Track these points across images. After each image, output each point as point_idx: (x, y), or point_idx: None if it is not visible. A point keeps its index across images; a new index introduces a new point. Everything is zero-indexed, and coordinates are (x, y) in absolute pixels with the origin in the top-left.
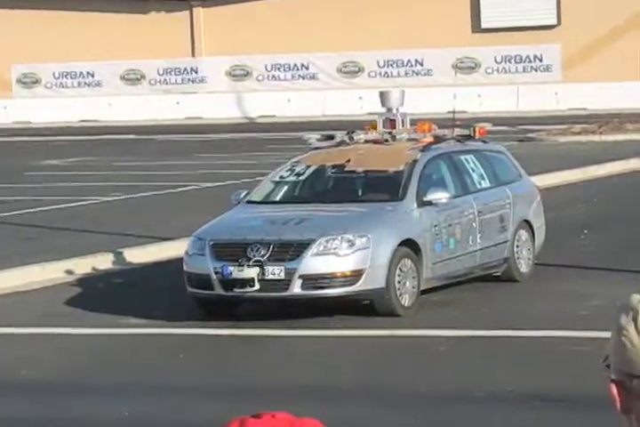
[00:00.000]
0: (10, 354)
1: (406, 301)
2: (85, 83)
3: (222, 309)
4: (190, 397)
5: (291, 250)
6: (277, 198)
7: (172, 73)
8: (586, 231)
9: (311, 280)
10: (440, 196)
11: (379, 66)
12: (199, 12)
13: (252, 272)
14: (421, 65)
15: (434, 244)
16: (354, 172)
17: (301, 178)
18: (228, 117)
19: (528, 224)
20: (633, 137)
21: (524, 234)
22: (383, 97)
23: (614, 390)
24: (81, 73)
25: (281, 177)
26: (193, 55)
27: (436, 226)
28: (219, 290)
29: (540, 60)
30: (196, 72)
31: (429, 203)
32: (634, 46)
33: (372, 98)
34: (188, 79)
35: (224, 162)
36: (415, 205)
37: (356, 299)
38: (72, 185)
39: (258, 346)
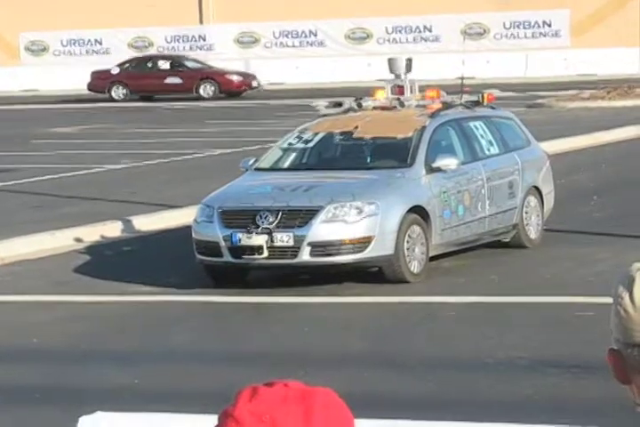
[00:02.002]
0: (20, 321)
1: (415, 267)
2: (93, 50)
3: (231, 276)
4: (201, 364)
5: (299, 217)
6: (286, 166)
7: (180, 40)
8: (595, 197)
9: (320, 247)
10: (449, 162)
11: (387, 32)
12: None
13: (260, 239)
14: (430, 31)
15: (442, 210)
16: (362, 138)
17: (309, 145)
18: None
19: (537, 190)
20: None
21: (532, 200)
22: (391, 64)
23: (611, 359)
24: (89, 41)
25: (289, 144)
26: (201, 22)
27: (444, 192)
28: (227, 257)
29: (549, 26)
30: (204, 39)
31: (438, 169)
32: None
33: (380, 64)
34: (197, 46)
35: (234, 128)
36: (424, 171)
37: (365, 266)
38: (82, 153)
39: (268, 313)
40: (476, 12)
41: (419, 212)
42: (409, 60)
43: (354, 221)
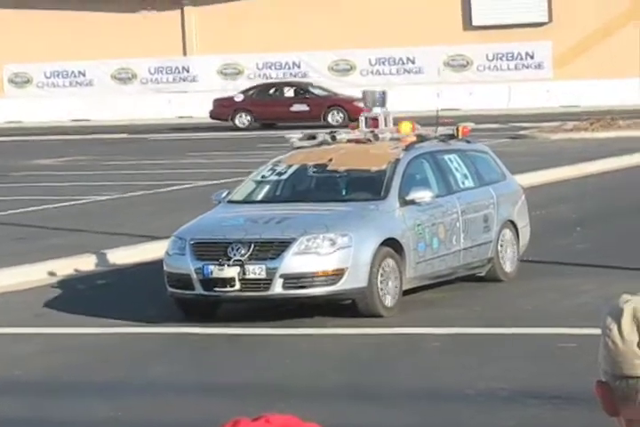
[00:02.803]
0: (1, 353)
1: (389, 301)
2: (77, 82)
3: (202, 309)
4: (181, 396)
5: (272, 249)
6: (259, 198)
7: (164, 72)
8: (578, 228)
9: (292, 279)
10: (423, 195)
11: (370, 64)
12: (190, 10)
13: (232, 271)
14: (413, 63)
15: (417, 243)
16: (336, 171)
17: (283, 177)
18: None
19: (512, 224)
20: (625, 134)
21: (508, 234)
22: (365, 96)
23: (600, 391)
24: (72, 72)
25: (262, 177)
26: (184, 54)
27: (419, 225)
28: (199, 290)
29: (532, 58)
30: (188, 71)
31: (412, 202)
32: (624, 43)
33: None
34: (180, 78)
35: (216, 161)
36: (397, 204)
37: (338, 298)
38: (64, 185)
39: (248, 345)
40: (459, 44)
41: (392, 245)
42: (383, 93)
43: (327, 253)
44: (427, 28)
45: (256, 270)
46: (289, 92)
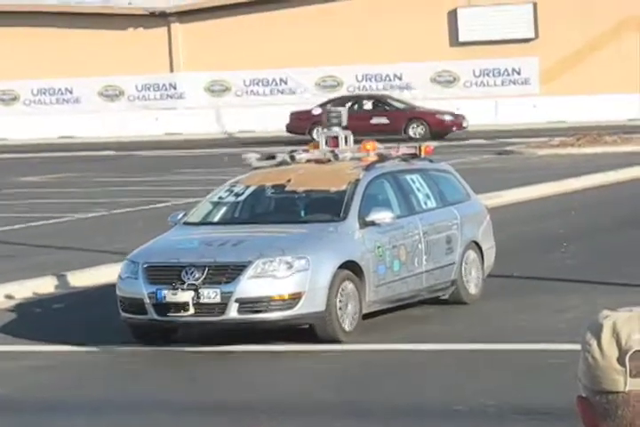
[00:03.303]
0: None
1: (347, 325)
2: (64, 99)
3: (156, 335)
4: (167, 413)
5: (227, 273)
6: (216, 220)
7: (151, 89)
8: (565, 244)
9: (248, 304)
10: (383, 216)
11: (357, 80)
12: (177, 27)
13: (186, 296)
14: (400, 79)
15: (377, 266)
16: (294, 192)
17: (240, 199)
18: (208, 133)
19: (477, 245)
20: (611, 149)
21: (472, 255)
22: (324, 115)
23: (579, 406)
24: (59, 90)
25: (219, 198)
26: (171, 71)
27: (379, 247)
28: (152, 315)
29: (519, 74)
30: (175, 88)
31: (372, 223)
32: (611, 59)
33: None
34: (167, 95)
35: (204, 177)
36: (357, 225)
37: (295, 323)
38: (50, 202)
39: (234, 361)
40: (446, 60)
41: (352, 267)
42: (345, 111)
43: (283, 277)
44: (414, 44)
45: (210, 295)
46: (367, 105)
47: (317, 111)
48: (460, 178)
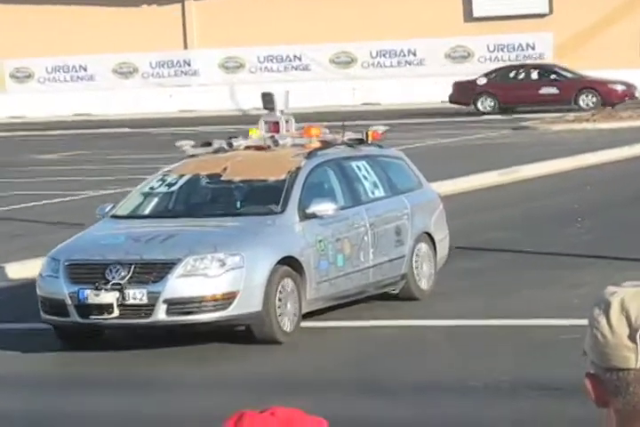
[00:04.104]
0: None
1: (287, 325)
2: (78, 77)
3: (81, 338)
4: (184, 391)
5: (154, 271)
6: (146, 212)
7: (165, 66)
8: (580, 219)
9: (177, 305)
10: (325, 207)
11: (371, 56)
12: (191, 4)
13: (110, 297)
14: (414, 55)
15: (318, 261)
16: (230, 181)
17: (173, 189)
18: (222, 110)
19: (429, 237)
20: (626, 124)
21: (424, 247)
22: (265, 98)
23: (589, 383)
24: (73, 67)
25: (151, 188)
26: (185, 48)
27: (321, 241)
28: (74, 317)
29: (533, 49)
30: (189, 65)
31: (313, 215)
32: (625, 34)
33: (365, 88)
34: (181, 72)
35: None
36: (297, 218)
37: (230, 325)
38: (66, 179)
39: (243, 338)
40: (460, 36)
41: (291, 263)
42: (286, 93)
43: (215, 275)
44: (428, 20)
45: (137, 295)
46: (533, 75)
47: (482, 81)
48: (412, 164)
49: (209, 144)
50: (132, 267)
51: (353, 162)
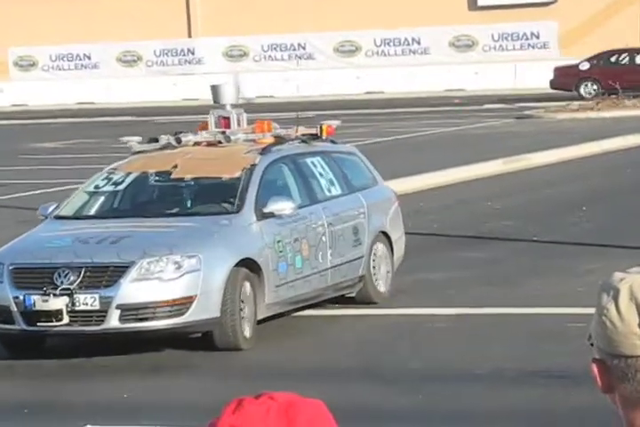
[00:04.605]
0: None
1: (247, 331)
2: (82, 65)
3: (28, 346)
4: (189, 378)
5: (106, 275)
6: (92, 213)
7: (169, 54)
8: (584, 208)
9: (131, 311)
10: (283, 206)
11: (375, 45)
12: None
13: (59, 303)
14: (418, 44)
15: (277, 263)
16: (181, 179)
17: (120, 188)
18: None
19: (386, 236)
20: (631, 113)
21: (381, 248)
22: (215, 91)
23: (595, 369)
24: (77, 55)
25: (96, 187)
26: (189, 36)
27: (279, 242)
28: (21, 324)
29: (537, 38)
30: (193, 53)
31: (271, 215)
32: (629, 22)
33: (369, 77)
34: (185, 60)
35: None
36: (254, 217)
37: (186, 332)
38: (70, 168)
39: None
40: (465, 25)
41: (249, 265)
42: (236, 87)
43: (171, 279)
44: (432, 8)
45: (88, 300)
46: (637, 59)
47: (585, 66)
48: (367, 161)
49: (156, 140)
50: (83, 271)
51: (308, 158)
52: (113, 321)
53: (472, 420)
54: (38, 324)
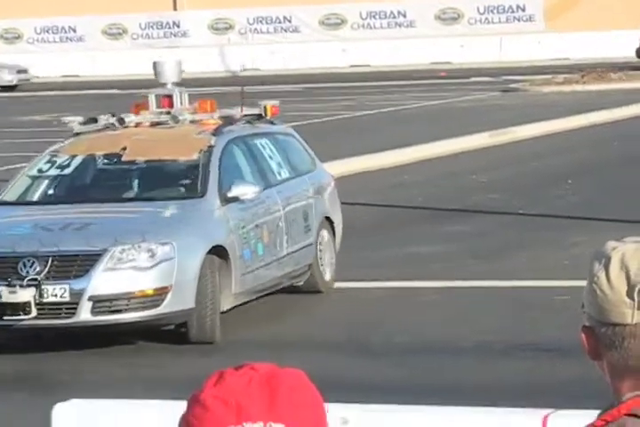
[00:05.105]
0: None
1: (218, 322)
2: (67, 38)
3: None
4: (172, 354)
5: (76, 264)
6: (41, 198)
7: (154, 27)
8: (570, 181)
9: (104, 302)
10: (247, 190)
11: (361, 18)
12: None
13: (26, 295)
14: (404, 16)
15: (242, 250)
16: (133, 162)
17: (66, 172)
18: (212, 71)
19: (329, 222)
20: (616, 86)
21: (325, 235)
22: (156, 69)
23: (584, 336)
24: (63, 28)
25: (39, 171)
26: (175, 9)
27: (243, 227)
28: None
29: (523, 10)
30: (178, 26)
31: (235, 199)
32: None
33: (355, 50)
34: (171, 33)
35: None
36: (218, 202)
37: (160, 324)
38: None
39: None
40: None
41: (219, 252)
42: (177, 64)
43: (145, 268)
44: None
45: (57, 292)
46: None
47: None
48: (304, 142)
49: (95, 120)
50: (50, 260)
51: (257, 140)
52: (84, 314)
53: (459, 393)
54: (4, 317)
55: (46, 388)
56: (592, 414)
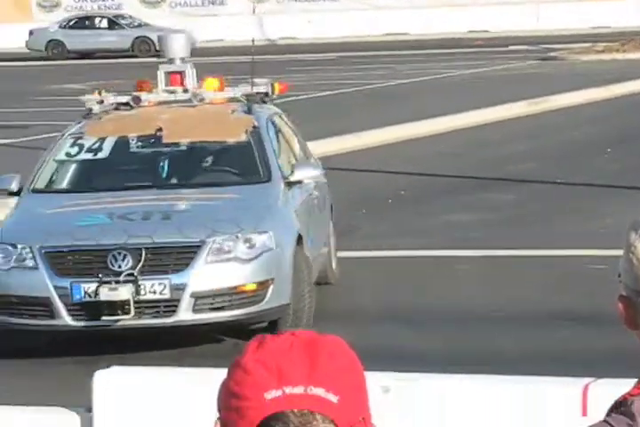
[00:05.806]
0: None
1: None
2: (105, 6)
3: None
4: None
5: (173, 257)
6: (92, 184)
7: None
8: (609, 149)
9: (207, 299)
10: (312, 173)
11: None
12: None
13: (124, 292)
14: None
15: (308, 237)
16: (177, 144)
17: (101, 156)
18: (249, 40)
19: (330, 209)
20: None
21: (331, 223)
22: (163, 44)
23: (621, 305)
24: None
25: (67, 155)
26: None
27: (299, 214)
28: (65, 319)
29: None
30: None
31: (298, 183)
32: None
33: (390, 18)
34: (209, 2)
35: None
36: (282, 186)
37: (258, 321)
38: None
39: None
40: None
41: (299, 241)
42: (187, 38)
43: (246, 260)
44: None
45: (156, 288)
46: None
47: None
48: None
49: (101, 101)
50: (143, 253)
51: (277, 120)
52: (185, 312)
53: (495, 363)
54: (103, 318)
55: (87, 355)
56: (632, 384)
